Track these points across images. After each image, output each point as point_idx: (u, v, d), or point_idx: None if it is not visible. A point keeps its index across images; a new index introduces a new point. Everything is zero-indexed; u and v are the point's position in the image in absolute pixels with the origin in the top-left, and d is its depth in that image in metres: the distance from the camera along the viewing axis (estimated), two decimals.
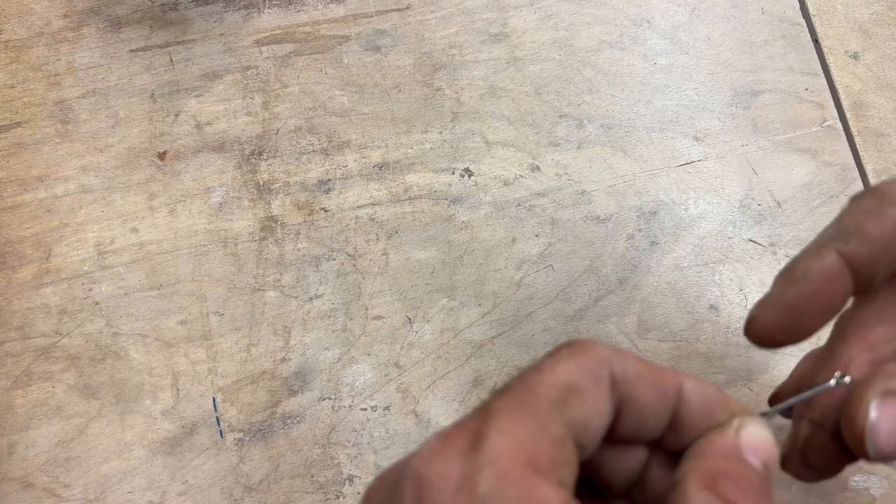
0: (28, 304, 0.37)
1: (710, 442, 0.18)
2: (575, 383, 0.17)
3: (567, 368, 0.18)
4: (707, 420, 0.19)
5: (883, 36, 0.42)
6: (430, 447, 0.17)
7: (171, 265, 0.38)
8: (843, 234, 0.20)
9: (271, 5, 0.42)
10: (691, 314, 0.38)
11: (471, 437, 0.16)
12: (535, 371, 0.18)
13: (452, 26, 0.42)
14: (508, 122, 0.41)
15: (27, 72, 0.41)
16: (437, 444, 0.17)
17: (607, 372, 0.18)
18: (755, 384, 0.37)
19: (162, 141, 0.40)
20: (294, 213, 0.39)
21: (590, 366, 0.18)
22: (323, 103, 0.41)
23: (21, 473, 0.35)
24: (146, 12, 0.42)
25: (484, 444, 0.16)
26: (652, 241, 0.39)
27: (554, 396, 0.17)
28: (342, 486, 0.35)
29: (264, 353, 0.37)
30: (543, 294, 0.38)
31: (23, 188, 0.39)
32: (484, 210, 0.39)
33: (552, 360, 0.18)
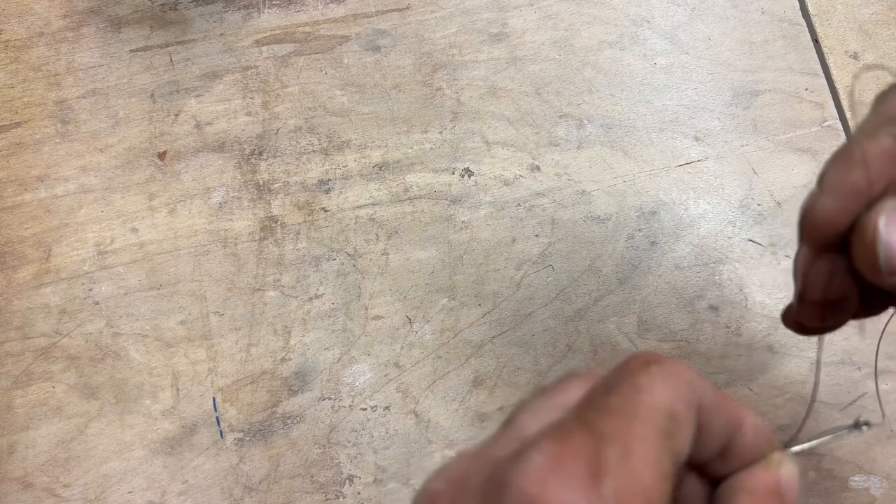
0: (28, 304, 0.37)
1: (756, 478, 0.18)
2: (675, 411, 0.16)
3: (665, 392, 0.16)
4: (754, 453, 0.19)
5: (883, 36, 0.42)
6: (536, 464, 0.15)
7: (171, 265, 0.38)
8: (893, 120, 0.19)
9: (271, 5, 0.42)
10: (691, 314, 0.38)
11: (587, 463, 0.15)
12: (633, 388, 0.16)
13: (452, 26, 0.42)
14: (508, 122, 0.41)
15: (27, 72, 0.41)
16: (547, 463, 0.15)
17: (696, 399, 0.17)
18: (755, 384, 0.37)
19: (162, 141, 0.40)
20: (294, 213, 0.39)
21: (684, 392, 0.17)
22: (323, 103, 0.41)
23: (21, 473, 0.35)
24: (146, 12, 0.42)
25: (605, 478, 0.15)
26: (652, 241, 0.39)
27: (660, 425, 0.16)
28: (342, 486, 0.35)
29: (264, 353, 0.37)
30: (543, 294, 0.38)
31: (23, 188, 0.39)
32: (484, 210, 0.39)
33: (647, 379, 0.16)
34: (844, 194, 0.19)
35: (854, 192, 0.19)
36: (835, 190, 0.19)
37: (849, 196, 0.19)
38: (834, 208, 0.19)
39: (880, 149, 0.19)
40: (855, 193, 0.19)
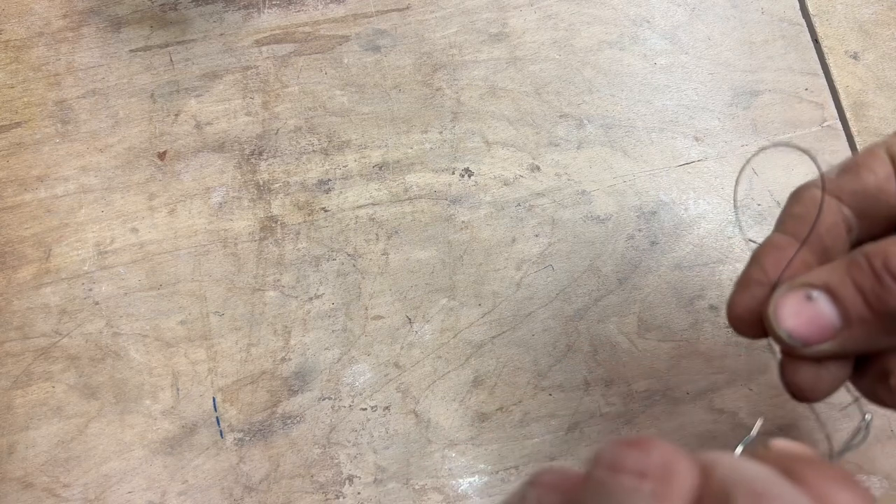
0: (28, 304, 0.37)
1: None
2: None
3: None
4: None
5: (883, 36, 0.42)
6: None
7: (171, 265, 0.38)
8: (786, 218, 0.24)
9: (271, 5, 0.42)
10: (691, 314, 0.38)
11: None
12: None
13: (452, 26, 0.42)
14: (508, 122, 0.41)
15: (27, 72, 0.41)
16: None
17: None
18: (755, 384, 0.37)
19: (162, 141, 0.40)
20: (294, 213, 0.39)
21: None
22: (323, 103, 0.41)
23: (21, 473, 0.35)
24: (146, 12, 0.42)
25: None
26: (652, 241, 0.39)
27: None
28: (342, 486, 0.35)
29: (264, 353, 0.37)
30: (543, 294, 0.38)
31: (23, 188, 0.39)
32: (484, 210, 0.39)
33: None
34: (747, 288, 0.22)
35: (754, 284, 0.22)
36: (740, 286, 0.23)
37: (751, 288, 0.22)
38: (743, 302, 0.22)
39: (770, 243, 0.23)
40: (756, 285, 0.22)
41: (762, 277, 0.22)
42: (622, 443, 0.15)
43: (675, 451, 0.15)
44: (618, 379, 0.37)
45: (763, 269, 0.22)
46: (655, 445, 0.15)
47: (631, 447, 0.15)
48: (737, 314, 0.23)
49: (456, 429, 0.36)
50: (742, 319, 0.23)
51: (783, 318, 0.21)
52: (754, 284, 0.22)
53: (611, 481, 0.15)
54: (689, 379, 0.37)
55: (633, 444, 0.15)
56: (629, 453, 0.15)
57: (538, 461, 0.36)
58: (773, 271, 0.22)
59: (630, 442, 0.15)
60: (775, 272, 0.22)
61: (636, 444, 0.15)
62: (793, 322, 0.21)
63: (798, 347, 0.21)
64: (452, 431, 0.36)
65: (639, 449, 0.15)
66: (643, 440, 0.15)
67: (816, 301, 0.21)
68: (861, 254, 0.20)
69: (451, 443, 0.36)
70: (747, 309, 0.22)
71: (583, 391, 0.37)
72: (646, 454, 0.15)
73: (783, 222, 0.23)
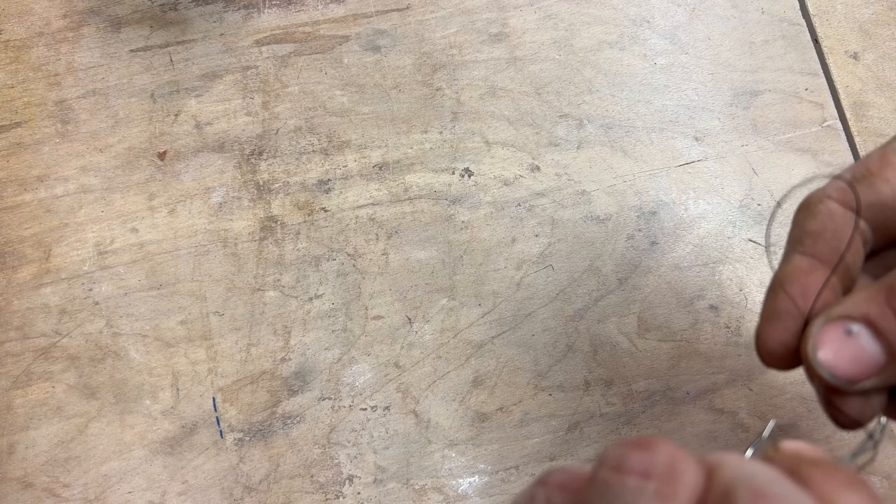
0: (28, 304, 0.37)
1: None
2: None
3: None
4: None
5: (883, 36, 0.42)
6: None
7: (171, 265, 0.38)
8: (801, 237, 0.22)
9: (271, 5, 0.42)
10: (691, 314, 0.38)
11: None
12: None
13: (452, 26, 0.42)
14: (508, 122, 0.41)
15: (27, 72, 0.41)
16: None
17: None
18: (755, 384, 0.37)
19: (162, 141, 0.40)
20: (294, 213, 0.39)
21: None
22: (323, 103, 0.41)
23: (21, 473, 0.35)
24: (146, 12, 0.42)
25: None
26: (652, 241, 0.39)
27: None
28: (342, 486, 0.35)
29: (264, 353, 0.37)
30: (543, 294, 0.38)
31: (23, 188, 0.39)
32: (484, 210, 0.39)
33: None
34: (778, 320, 0.21)
35: (784, 315, 0.21)
36: (769, 318, 0.21)
37: (783, 320, 0.21)
38: (776, 335, 0.21)
39: (793, 269, 0.21)
40: (786, 316, 0.21)
41: (792, 308, 0.21)
42: (627, 443, 0.15)
43: (679, 451, 0.15)
44: (618, 379, 0.37)
45: (792, 298, 0.21)
46: (660, 446, 0.15)
47: (636, 448, 0.15)
48: (769, 349, 0.21)
49: (456, 429, 0.36)
50: (774, 354, 0.21)
51: (825, 358, 0.20)
52: (785, 316, 0.21)
53: (616, 481, 0.15)
54: (689, 379, 0.37)
55: (638, 444, 0.15)
56: (634, 454, 0.15)
57: (538, 461, 0.36)
58: (801, 300, 0.21)
59: (635, 443, 0.15)
60: (804, 301, 0.21)
61: (641, 445, 0.15)
62: (834, 360, 0.20)
63: (843, 386, 0.20)
64: (452, 431, 0.36)
65: (643, 449, 0.15)
66: (648, 441, 0.15)
67: (857, 336, 0.19)
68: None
69: (451, 443, 0.36)
70: (780, 343, 0.21)
71: (583, 391, 0.37)
72: (651, 454, 0.15)
73: (800, 241, 0.22)
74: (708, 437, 0.36)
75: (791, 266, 0.22)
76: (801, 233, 0.22)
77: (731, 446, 0.36)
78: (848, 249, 0.21)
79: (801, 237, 0.22)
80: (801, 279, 0.21)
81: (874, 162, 0.22)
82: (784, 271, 0.22)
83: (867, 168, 0.22)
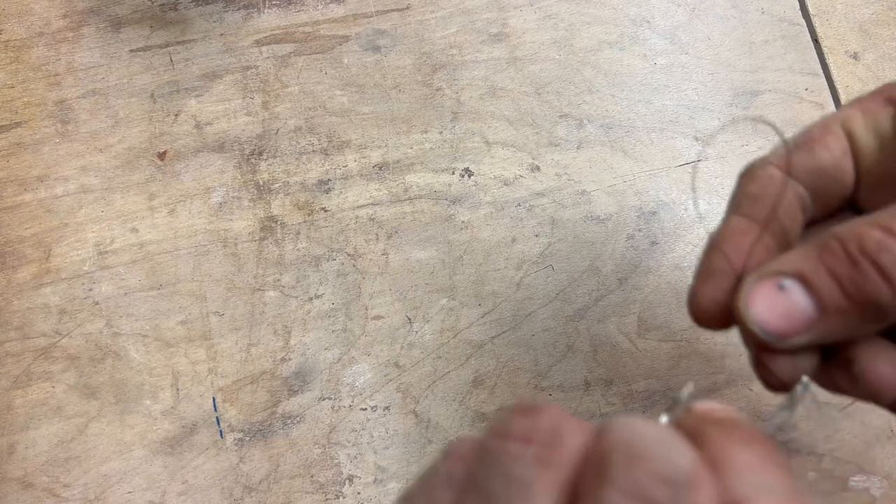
0: (28, 304, 0.37)
1: None
2: None
3: None
4: None
5: (883, 36, 0.42)
6: None
7: (171, 265, 0.38)
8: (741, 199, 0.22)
9: (271, 5, 0.42)
10: None
11: None
12: None
13: (452, 26, 0.42)
14: (508, 122, 0.41)
15: (27, 72, 0.41)
16: None
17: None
18: (755, 384, 0.37)
19: (162, 141, 0.40)
20: (294, 213, 0.39)
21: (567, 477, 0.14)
22: (323, 103, 0.41)
23: (21, 473, 0.35)
24: (146, 12, 0.42)
25: None
26: (652, 241, 0.39)
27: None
28: (342, 486, 0.35)
29: (264, 353, 0.37)
30: (543, 294, 0.38)
31: (22, 188, 0.39)
32: (484, 210, 0.39)
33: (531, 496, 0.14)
34: (712, 278, 0.21)
35: (718, 273, 0.21)
36: (703, 276, 0.21)
37: (716, 278, 0.21)
38: (709, 293, 0.21)
39: (729, 229, 0.21)
40: (720, 275, 0.21)
41: (726, 266, 0.21)
42: (514, 409, 0.15)
43: (563, 415, 0.15)
44: (618, 379, 0.37)
45: (726, 256, 0.21)
46: (544, 411, 0.15)
47: (520, 413, 0.15)
48: (702, 307, 0.21)
49: (456, 429, 0.36)
50: (708, 312, 0.21)
51: (756, 312, 0.19)
52: (719, 274, 0.21)
53: (499, 448, 0.15)
54: (689, 379, 0.37)
55: (523, 410, 0.15)
56: (518, 420, 0.15)
57: None
58: (736, 259, 0.21)
59: (520, 408, 0.15)
60: (739, 259, 0.21)
61: (525, 411, 0.15)
62: (766, 315, 0.19)
63: (773, 342, 0.20)
64: (452, 431, 0.36)
65: (527, 415, 0.15)
66: (533, 406, 0.15)
67: (789, 291, 0.19)
68: (833, 237, 0.19)
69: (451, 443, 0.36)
70: (713, 301, 0.21)
71: (583, 391, 0.37)
72: (533, 420, 0.15)
73: (739, 204, 0.22)
74: None
75: (727, 227, 0.22)
76: (740, 196, 0.22)
77: None
78: (779, 205, 0.21)
79: (741, 200, 0.22)
80: (737, 239, 0.21)
81: (816, 130, 0.22)
82: (720, 232, 0.22)
83: (809, 136, 0.22)
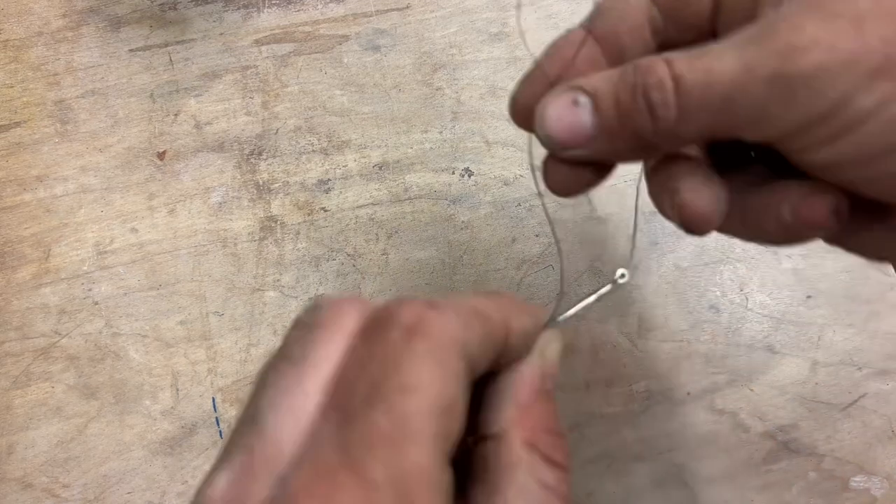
0: (27, 304, 0.37)
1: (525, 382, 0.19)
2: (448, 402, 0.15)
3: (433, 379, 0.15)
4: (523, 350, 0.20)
5: None
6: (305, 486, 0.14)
7: (170, 265, 0.38)
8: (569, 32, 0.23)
9: (271, 5, 0.42)
10: (692, 314, 0.38)
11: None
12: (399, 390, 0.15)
13: (452, 26, 0.42)
14: (508, 122, 0.41)
15: (26, 71, 0.41)
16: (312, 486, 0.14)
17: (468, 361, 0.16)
18: (756, 384, 0.37)
19: (161, 141, 0.40)
20: (294, 213, 0.39)
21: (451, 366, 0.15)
22: (322, 103, 0.41)
23: (20, 474, 0.35)
24: (145, 12, 0.42)
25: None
26: (652, 241, 0.39)
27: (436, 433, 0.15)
28: None
29: (264, 354, 0.37)
30: (543, 294, 0.38)
31: (22, 188, 0.39)
32: (484, 210, 0.39)
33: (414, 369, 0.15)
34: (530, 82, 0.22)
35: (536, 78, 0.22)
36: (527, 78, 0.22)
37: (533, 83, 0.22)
38: (524, 94, 0.22)
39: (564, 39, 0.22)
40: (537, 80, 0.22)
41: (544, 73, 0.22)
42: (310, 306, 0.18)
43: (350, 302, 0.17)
44: (618, 379, 0.37)
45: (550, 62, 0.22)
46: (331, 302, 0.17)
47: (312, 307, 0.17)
48: (516, 108, 0.23)
49: None
50: (520, 114, 0.22)
51: (546, 120, 0.20)
52: (536, 79, 0.22)
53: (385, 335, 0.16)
54: (689, 379, 0.37)
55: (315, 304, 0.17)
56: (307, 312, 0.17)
57: None
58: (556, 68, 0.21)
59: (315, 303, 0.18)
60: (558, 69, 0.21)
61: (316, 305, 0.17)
62: (554, 125, 0.20)
63: (555, 150, 0.21)
64: None
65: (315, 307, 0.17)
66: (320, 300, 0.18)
67: (581, 108, 0.20)
68: (633, 65, 0.19)
69: None
70: (525, 104, 0.22)
71: (583, 391, 0.37)
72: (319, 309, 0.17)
73: (592, 18, 0.23)
74: (709, 438, 0.36)
75: (564, 37, 0.22)
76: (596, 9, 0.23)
77: (732, 447, 0.36)
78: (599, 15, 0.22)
79: (594, 14, 0.23)
80: (566, 48, 0.22)
81: None
82: (558, 40, 0.22)
83: None
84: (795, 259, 0.38)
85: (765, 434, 0.36)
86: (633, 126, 0.19)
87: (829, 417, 0.36)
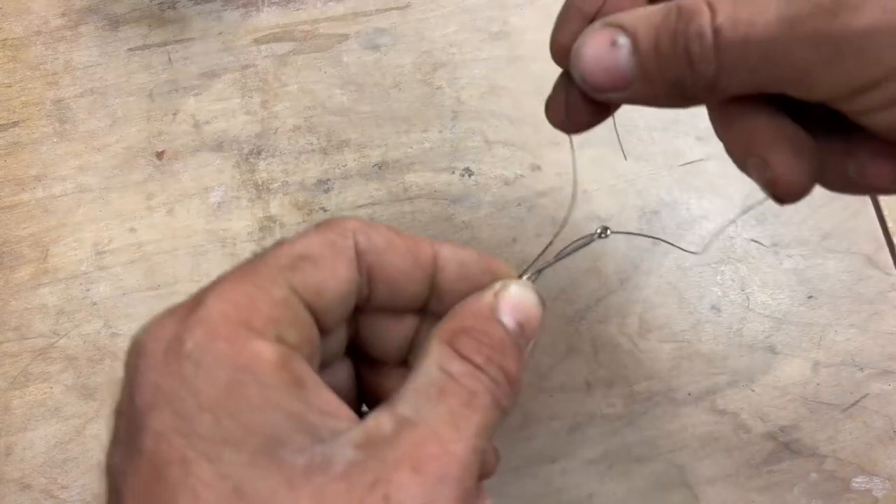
0: (26, 304, 0.37)
1: (465, 304, 0.20)
2: (309, 252, 0.18)
3: (306, 240, 0.19)
4: (467, 285, 0.20)
5: None
6: (153, 319, 0.18)
7: (169, 265, 0.38)
8: None
9: (270, 4, 0.42)
10: (693, 314, 0.38)
11: (191, 304, 0.17)
12: (276, 245, 0.18)
13: (452, 25, 0.42)
14: (509, 122, 0.40)
15: (25, 71, 0.41)
16: (159, 315, 0.18)
17: (351, 243, 0.19)
18: (757, 385, 0.37)
19: (160, 140, 0.40)
20: (293, 213, 0.39)
21: (331, 237, 0.19)
22: (322, 102, 0.41)
23: (19, 475, 0.35)
24: (144, 11, 0.42)
25: (199, 308, 0.17)
26: (653, 241, 0.39)
27: (282, 264, 0.18)
28: None
29: None
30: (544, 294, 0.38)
31: (20, 188, 0.39)
32: (484, 210, 0.39)
33: (296, 236, 0.19)
34: (567, 19, 0.21)
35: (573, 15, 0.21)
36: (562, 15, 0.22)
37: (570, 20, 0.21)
38: (562, 34, 0.21)
39: None
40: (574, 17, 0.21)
41: (580, 11, 0.21)
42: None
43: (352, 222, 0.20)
44: (619, 380, 0.37)
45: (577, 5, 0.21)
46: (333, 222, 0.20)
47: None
48: (554, 47, 0.22)
49: None
50: (559, 53, 0.21)
51: (582, 61, 0.19)
52: (573, 16, 0.21)
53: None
54: (690, 380, 0.37)
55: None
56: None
57: (539, 463, 0.36)
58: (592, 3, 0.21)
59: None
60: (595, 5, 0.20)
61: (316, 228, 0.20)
62: (591, 67, 0.19)
63: (589, 92, 0.20)
64: None
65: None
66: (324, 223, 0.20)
67: (620, 49, 0.19)
68: (677, 7, 0.18)
69: None
70: (564, 45, 0.21)
71: (584, 392, 0.36)
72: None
73: None
74: (710, 439, 0.36)
75: None
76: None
77: (733, 448, 0.36)
78: None
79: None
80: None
81: None
82: None
83: None
84: (797, 259, 0.38)
85: (766, 435, 0.36)
86: (672, 74, 0.18)
87: (831, 418, 0.36)
